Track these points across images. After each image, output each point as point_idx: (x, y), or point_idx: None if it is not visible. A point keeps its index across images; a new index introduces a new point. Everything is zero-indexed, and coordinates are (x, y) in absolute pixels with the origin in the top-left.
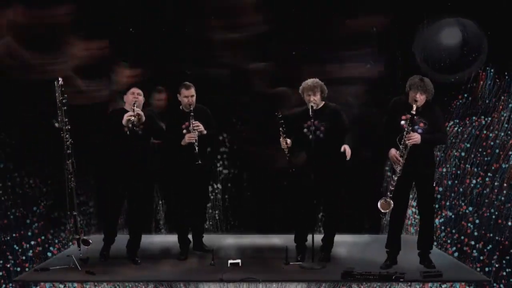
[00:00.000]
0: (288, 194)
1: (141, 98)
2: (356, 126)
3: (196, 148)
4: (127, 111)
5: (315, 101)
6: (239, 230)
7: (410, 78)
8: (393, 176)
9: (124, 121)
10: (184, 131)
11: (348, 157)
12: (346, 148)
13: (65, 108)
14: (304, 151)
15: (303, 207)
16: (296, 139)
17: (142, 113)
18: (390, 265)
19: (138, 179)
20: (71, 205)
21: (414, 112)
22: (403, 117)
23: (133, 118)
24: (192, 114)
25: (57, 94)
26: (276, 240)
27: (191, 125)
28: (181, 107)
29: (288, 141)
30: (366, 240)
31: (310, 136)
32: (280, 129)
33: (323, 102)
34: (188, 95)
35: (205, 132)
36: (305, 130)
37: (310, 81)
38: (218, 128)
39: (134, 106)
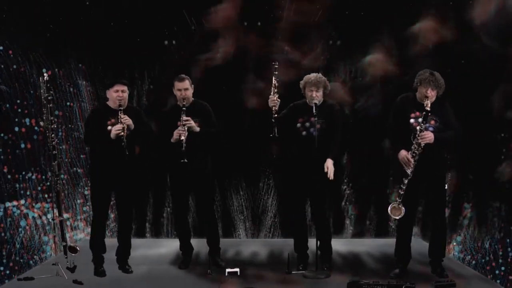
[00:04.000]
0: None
1: (126, 95)
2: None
3: (183, 145)
4: (110, 108)
5: (317, 97)
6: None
7: (419, 73)
8: (403, 179)
9: (112, 136)
10: (179, 128)
11: (330, 177)
12: (329, 166)
13: (50, 105)
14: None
15: (302, 212)
16: (289, 133)
17: (130, 121)
18: (400, 274)
19: (125, 183)
20: (58, 210)
21: (428, 108)
22: (412, 115)
23: (122, 133)
24: (184, 109)
25: (42, 91)
26: (277, 246)
27: (181, 120)
28: (178, 102)
29: (276, 97)
30: (373, 245)
31: (304, 133)
32: (274, 82)
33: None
34: (182, 88)
35: (197, 129)
36: (299, 125)
37: (313, 76)
38: (218, 127)
39: (120, 113)
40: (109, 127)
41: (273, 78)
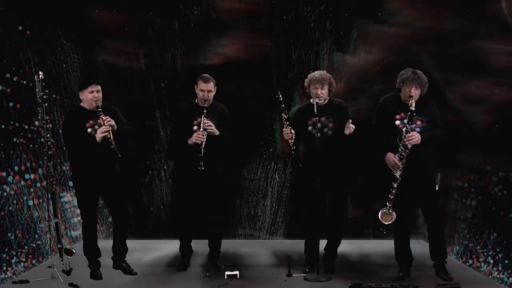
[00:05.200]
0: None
1: (101, 95)
2: None
3: (202, 151)
4: (86, 110)
5: (322, 94)
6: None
7: (401, 72)
8: (392, 182)
9: (99, 139)
10: (195, 127)
11: (351, 129)
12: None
13: (46, 105)
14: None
15: (314, 213)
16: (301, 137)
17: (112, 121)
18: (403, 277)
19: (114, 184)
20: (54, 211)
21: (413, 108)
22: (397, 116)
23: (108, 134)
24: (205, 111)
25: (37, 90)
26: (278, 247)
27: (202, 124)
28: (196, 100)
29: (292, 131)
30: (375, 246)
31: (318, 134)
32: (283, 115)
33: (328, 98)
34: (205, 89)
35: (217, 133)
36: (310, 128)
37: (317, 73)
38: (231, 133)
39: (101, 114)
40: (89, 129)
41: (281, 111)
